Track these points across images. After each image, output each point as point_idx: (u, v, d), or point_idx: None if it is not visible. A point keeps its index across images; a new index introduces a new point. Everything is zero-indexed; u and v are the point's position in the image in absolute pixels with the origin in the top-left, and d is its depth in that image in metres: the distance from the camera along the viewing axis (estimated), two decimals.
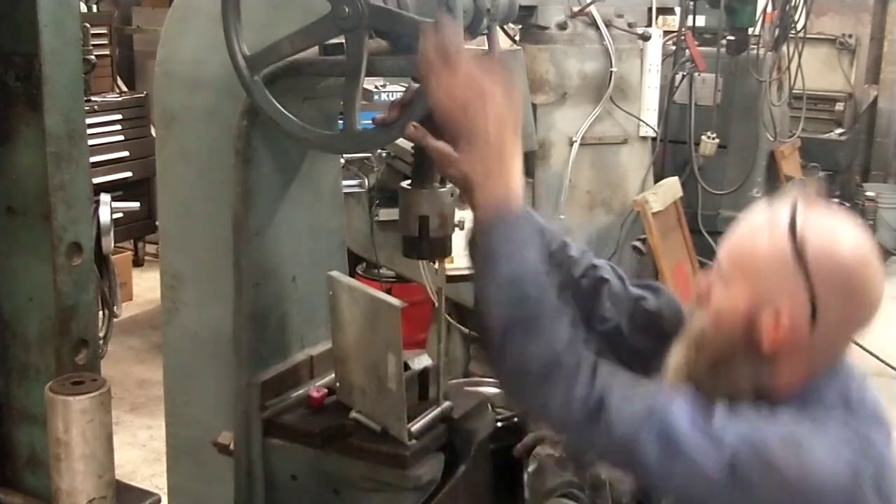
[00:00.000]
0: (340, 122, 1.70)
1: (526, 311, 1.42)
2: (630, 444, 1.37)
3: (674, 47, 4.96)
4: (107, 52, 6.37)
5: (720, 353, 1.46)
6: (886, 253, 6.75)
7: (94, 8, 6.85)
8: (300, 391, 1.93)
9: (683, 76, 5.00)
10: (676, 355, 1.53)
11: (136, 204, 3.21)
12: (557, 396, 1.40)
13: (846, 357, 1.49)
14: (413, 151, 1.85)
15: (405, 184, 1.81)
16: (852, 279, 1.40)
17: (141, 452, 4.27)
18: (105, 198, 2.29)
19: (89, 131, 2.04)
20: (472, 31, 1.83)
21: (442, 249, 1.81)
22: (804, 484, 1.31)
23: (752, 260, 1.44)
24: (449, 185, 1.83)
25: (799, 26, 5.51)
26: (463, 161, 1.47)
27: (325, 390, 1.90)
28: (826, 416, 1.38)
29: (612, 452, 1.44)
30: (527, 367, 1.42)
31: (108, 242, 2.27)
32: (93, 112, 5.64)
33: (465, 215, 2.07)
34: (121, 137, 6.00)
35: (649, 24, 4.32)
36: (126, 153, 5.98)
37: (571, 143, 4.02)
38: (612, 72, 3.97)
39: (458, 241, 1.83)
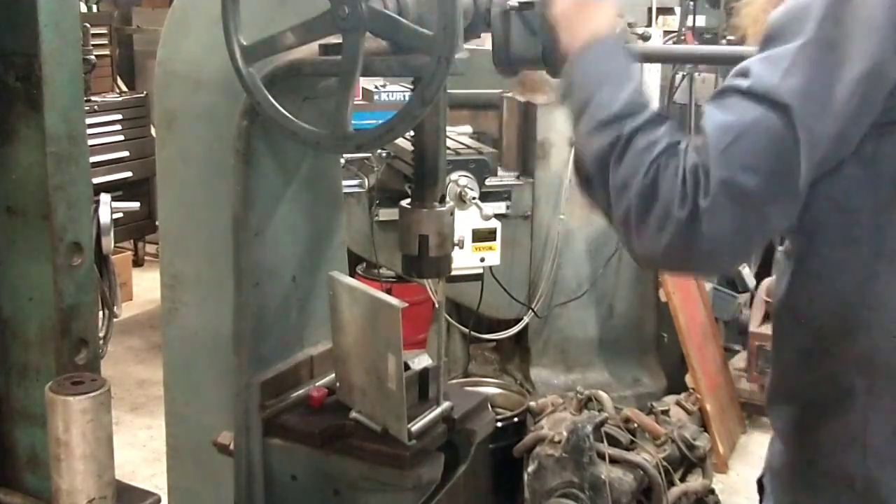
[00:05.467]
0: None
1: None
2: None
3: None
4: (107, 52, 6.39)
5: None
6: None
7: (94, 8, 6.87)
8: (300, 391, 1.93)
9: (683, 76, 5.00)
10: None
11: (136, 204, 3.19)
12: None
13: None
14: (413, 165, 1.85)
15: (405, 203, 1.81)
16: None
17: (141, 452, 4.28)
18: (105, 198, 2.28)
19: (89, 131, 2.04)
20: (471, 31, 1.83)
21: (442, 268, 1.81)
22: None
23: None
24: (448, 205, 1.83)
25: None
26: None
27: (325, 390, 1.90)
28: None
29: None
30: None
31: (108, 242, 2.27)
32: (93, 112, 5.65)
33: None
34: (121, 137, 6.01)
35: (649, 24, 4.32)
36: (126, 153, 5.99)
37: (572, 144, 4.00)
38: None
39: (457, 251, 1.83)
